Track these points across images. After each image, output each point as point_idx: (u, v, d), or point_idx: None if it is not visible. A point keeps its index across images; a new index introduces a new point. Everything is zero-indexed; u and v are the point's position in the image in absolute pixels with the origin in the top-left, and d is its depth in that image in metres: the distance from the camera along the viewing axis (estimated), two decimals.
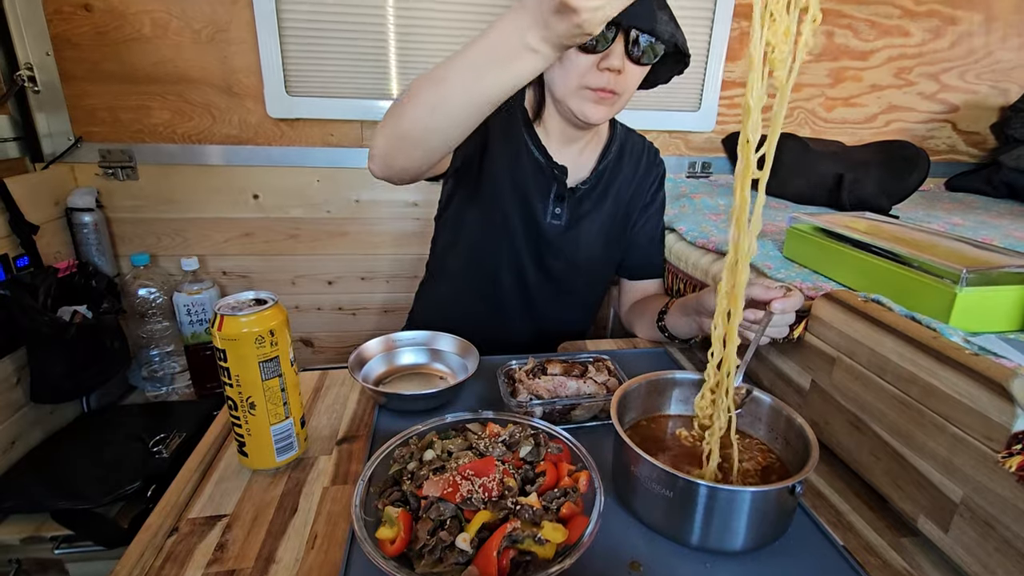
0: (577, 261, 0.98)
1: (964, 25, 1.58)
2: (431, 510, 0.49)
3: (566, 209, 0.94)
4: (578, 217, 0.96)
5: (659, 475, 0.51)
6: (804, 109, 1.61)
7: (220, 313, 0.56)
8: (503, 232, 0.94)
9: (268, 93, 1.33)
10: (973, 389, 0.47)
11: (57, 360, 1.12)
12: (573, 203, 0.95)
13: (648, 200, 1.02)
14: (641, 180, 1.01)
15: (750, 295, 0.65)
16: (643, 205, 1.02)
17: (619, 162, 0.98)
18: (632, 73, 0.81)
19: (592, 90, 0.80)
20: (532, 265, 0.97)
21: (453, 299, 1.04)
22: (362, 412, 0.75)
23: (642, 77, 0.83)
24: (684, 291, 1.03)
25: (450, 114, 0.58)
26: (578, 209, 0.96)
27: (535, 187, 0.92)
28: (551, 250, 0.96)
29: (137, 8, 1.24)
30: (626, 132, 1.01)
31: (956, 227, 1.12)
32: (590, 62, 0.78)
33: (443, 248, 1.03)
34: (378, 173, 0.69)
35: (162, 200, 1.39)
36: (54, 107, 1.28)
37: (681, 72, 0.89)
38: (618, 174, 0.98)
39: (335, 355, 1.62)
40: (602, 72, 0.78)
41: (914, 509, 0.53)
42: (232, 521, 0.55)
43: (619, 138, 0.99)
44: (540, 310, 1.02)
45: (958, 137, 1.74)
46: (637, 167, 1.00)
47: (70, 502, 0.99)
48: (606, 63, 0.77)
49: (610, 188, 0.97)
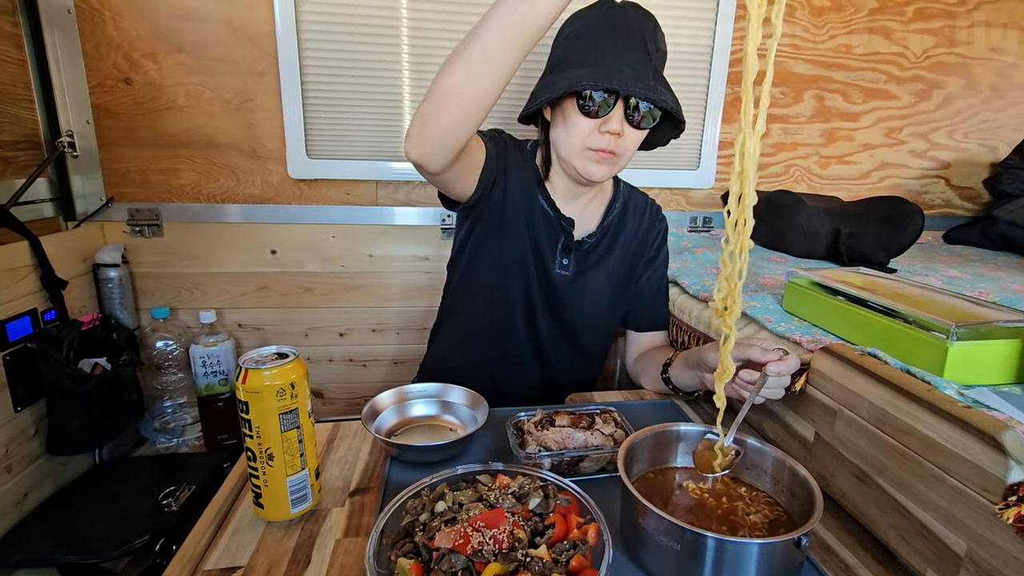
0: (584, 311, 1.01)
1: (948, 88, 1.67)
2: (443, 562, 0.50)
3: (573, 260, 0.99)
4: (584, 269, 1.00)
5: (667, 527, 0.52)
6: (800, 167, 1.68)
7: (244, 367, 0.59)
8: (519, 274, 0.98)
9: (290, 156, 1.41)
10: (968, 441, 0.48)
11: (75, 412, 1.14)
12: (580, 255, 1.00)
13: (652, 254, 1.07)
14: (645, 235, 1.05)
15: (748, 356, 0.69)
16: (647, 259, 1.07)
17: (623, 218, 1.03)
18: (631, 136, 0.87)
19: (594, 151, 0.86)
20: (544, 311, 1.01)
21: (468, 342, 1.07)
22: (374, 464, 0.76)
23: (641, 139, 0.90)
24: (688, 343, 1.05)
25: (487, 56, 0.64)
26: (584, 261, 1.00)
27: (545, 236, 0.97)
28: (559, 299, 1.00)
29: (173, 81, 1.34)
30: (629, 190, 1.07)
31: (954, 280, 1.14)
32: (592, 125, 0.85)
33: (456, 292, 1.07)
34: (413, 150, 0.71)
35: (184, 256, 1.45)
36: (89, 170, 1.37)
37: (677, 136, 0.95)
38: (623, 229, 1.03)
39: (345, 407, 1.63)
40: (603, 135, 0.85)
41: (921, 563, 0.53)
42: (247, 573, 0.56)
43: (623, 195, 1.05)
44: (551, 357, 1.05)
45: (952, 192, 1.79)
46: (641, 222, 1.05)
47: (78, 556, 0.99)
48: (607, 127, 0.84)
49: (615, 243, 1.02)
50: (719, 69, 1.52)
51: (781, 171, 1.67)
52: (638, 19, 0.85)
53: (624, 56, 0.82)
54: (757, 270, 1.19)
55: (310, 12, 1.34)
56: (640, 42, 0.83)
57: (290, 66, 1.35)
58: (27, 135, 1.26)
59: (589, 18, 0.87)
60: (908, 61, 1.63)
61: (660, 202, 1.10)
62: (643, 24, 0.85)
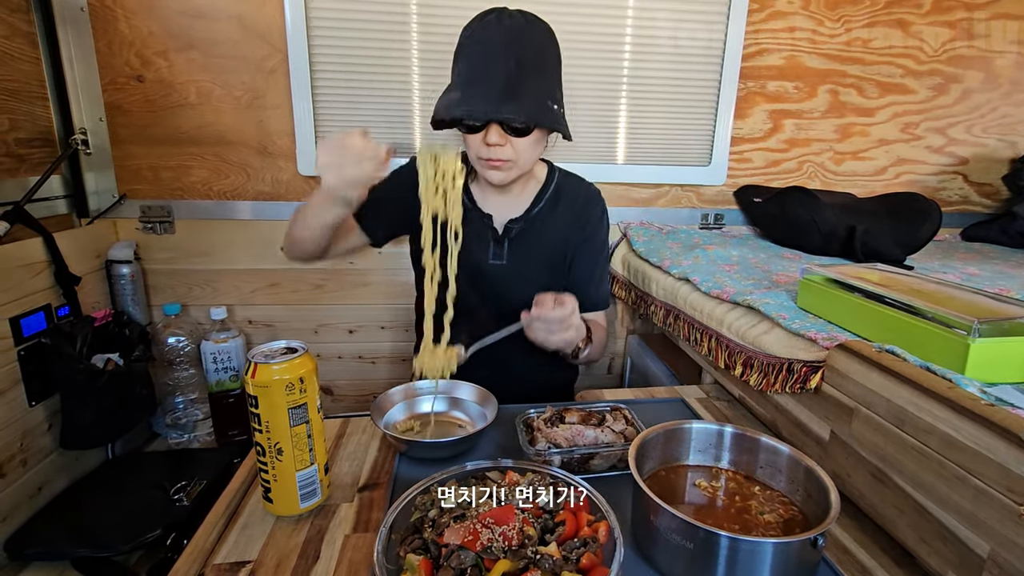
0: (524, 297, 0.92)
1: (967, 82, 1.63)
2: (452, 558, 0.49)
3: (505, 249, 1.04)
4: (518, 256, 1.04)
5: (679, 525, 0.51)
6: (813, 163, 1.66)
7: (254, 361, 0.59)
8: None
9: (300, 152, 1.41)
10: (991, 440, 0.47)
11: (88, 407, 1.15)
12: (512, 244, 1.04)
13: (584, 237, 1.08)
14: (575, 219, 1.07)
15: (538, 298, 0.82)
16: (578, 241, 1.08)
17: (555, 205, 1.06)
18: (519, 142, 0.90)
19: (485, 159, 0.92)
20: (480, 306, 1.03)
21: None
22: (383, 460, 0.76)
23: (536, 141, 0.92)
24: (700, 340, 1.04)
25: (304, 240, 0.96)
26: (518, 249, 1.04)
27: (472, 232, 0.98)
28: (500, 288, 1.03)
29: (185, 78, 1.35)
30: (564, 177, 1.09)
31: (973, 277, 1.12)
32: (478, 139, 0.90)
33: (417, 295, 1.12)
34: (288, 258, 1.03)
35: (195, 252, 1.46)
36: (102, 167, 1.38)
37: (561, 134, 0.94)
38: (553, 215, 1.05)
39: (354, 403, 1.63)
40: (490, 146, 0.89)
41: (942, 565, 0.52)
42: (256, 568, 0.56)
43: (556, 183, 1.07)
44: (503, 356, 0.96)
45: (970, 188, 1.76)
46: (573, 208, 1.07)
47: (90, 550, 1.00)
48: (488, 139, 0.89)
49: (545, 228, 1.05)
50: (731, 64, 1.50)
51: (794, 167, 1.65)
52: (502, 32, 0.87)
53: (482, 77, 0.86)
54: (770, 267, 1.17)
55: (320, 9, 1.34)
56: (500, 57, 0.85)
57: (300, 63, 1.35)
58: (41, 132, 1.27)
59: (470, 32, 0.90)
60: (925, 54, 1.60)
61: (670, 199, 1.09)
62: (508, 36, 0.86)
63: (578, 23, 1.42)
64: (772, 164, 1.64)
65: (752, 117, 1.59)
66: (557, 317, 0.81)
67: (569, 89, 1.53)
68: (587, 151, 1.54)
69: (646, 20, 1.45)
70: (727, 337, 0.93)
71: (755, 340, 0.85)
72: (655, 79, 1.51)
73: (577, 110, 1.50)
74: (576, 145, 1.52)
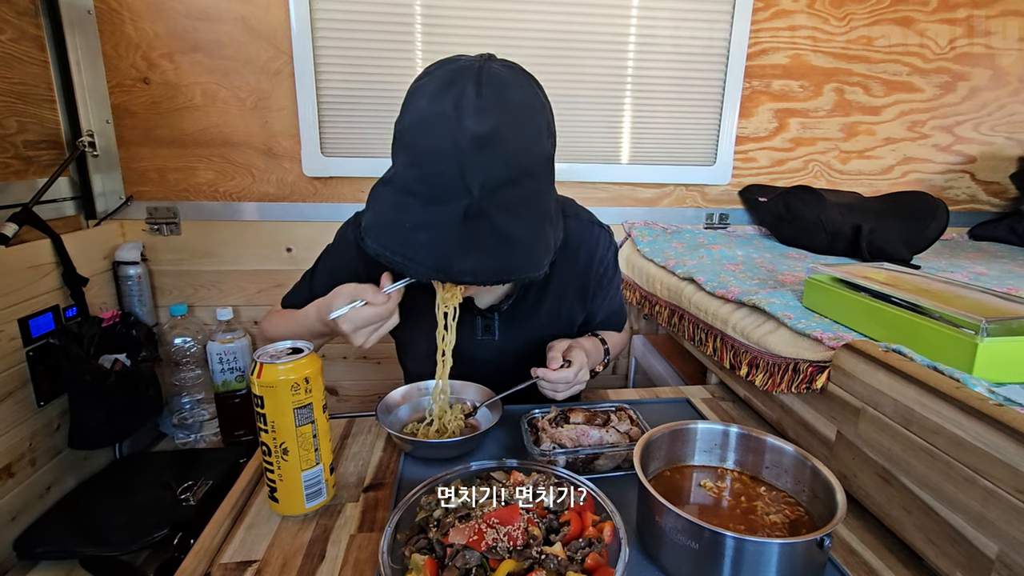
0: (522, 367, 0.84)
1: (974, 80, 1.62)
2: (457, 558, 0.49)
3: (496, 324, 0.89)
4: (514, 326, 0.90)
5: (684, 526, 0.51)
6: (819, 162, 1.65)
7: (260, 361, 0.59)
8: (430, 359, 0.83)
9: (304, 154, 1.42)
10: (1000, 440, 0.47)
11: (96, 407, 1.16)
12: (502, 318, 0.89)
13: (601, 281, 0.93)
14: (585, 268, 0.91)
15: (549, 355, 0.77)
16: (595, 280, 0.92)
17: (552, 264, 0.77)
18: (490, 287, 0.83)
19: None
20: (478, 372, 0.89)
21: None
22: (388, 459, 0.76)
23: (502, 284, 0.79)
24: (705, 340, 1.03)
25: None
26: (512, 320, 0.89)
27: None
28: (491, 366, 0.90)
29: (190, 81, 1.36)
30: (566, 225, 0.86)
31: (981, 277, 1.11)
32: None
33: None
34: None
35: (201, 253, 1.47)
36: (109, 169, 1.39)
37: None
38: (553, 275, 0.85)
39: (359, 404, 1.64)
40: None
41: (949, 566, 0.52)
42: (262, 567, 0.56)
43: None
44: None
45: (977, 187, 1.74)
46: (576, 262, 0.90)
47: (98, 549, 1.01)
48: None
49: (545, 291, 0.89)
50: (736, 63, 1.49)
51: (799, 166, 1.64)
52: (462, 132, 0.59)
53: (428, 208, 0.62)
54: (776, 266, 1.17)
55: (324, 11, 1.34)
56: (457, 175, 0.60)
57: (305, 65, 1.35)
58: (49, 135, 1.28)
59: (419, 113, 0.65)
60: (932, 52, 1.59)
61: (675, 199, 1.06)
62: (471, 141, 0.59)
63: (582, 23, 1.42)
64: (777, 163, 1.63)
65: (757, 116, 1.58)
66: (563, 379, 0.76)
67: (573, 89, 1.54)
68: (591, 151, 1.54)
69: (650, 20, 1.45)
70: (732, 337, 0.93)
71: (760, 340, 0.84)
72: (659, 79, 1.50)
73: (581, 110, 1.50)
74: (580, 145, 1.52)
